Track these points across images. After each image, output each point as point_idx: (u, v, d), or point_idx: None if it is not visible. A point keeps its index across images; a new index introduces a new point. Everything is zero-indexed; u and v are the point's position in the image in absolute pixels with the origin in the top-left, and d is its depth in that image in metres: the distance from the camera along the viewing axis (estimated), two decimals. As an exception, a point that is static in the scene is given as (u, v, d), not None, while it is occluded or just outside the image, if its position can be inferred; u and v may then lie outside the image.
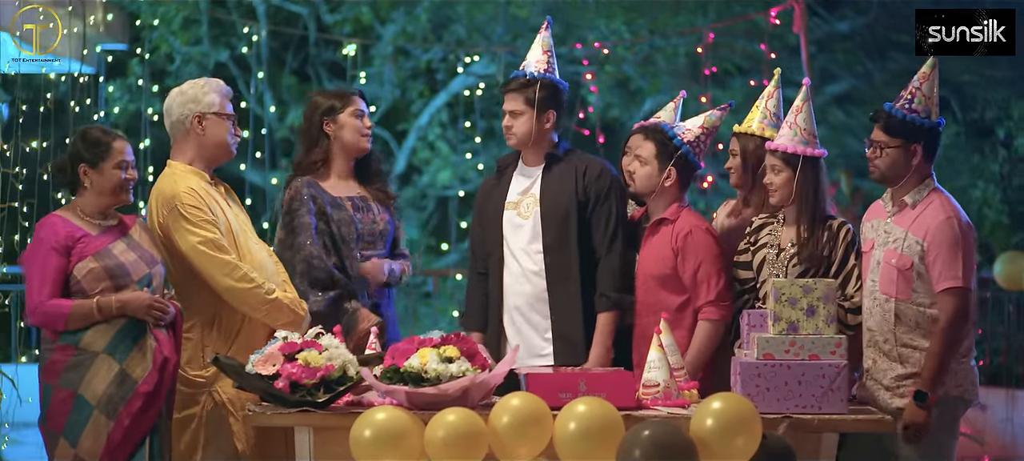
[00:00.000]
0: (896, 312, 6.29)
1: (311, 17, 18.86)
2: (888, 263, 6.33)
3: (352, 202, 7.03)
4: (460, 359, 5.94)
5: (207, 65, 18.04)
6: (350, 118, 7.07)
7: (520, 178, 7.05)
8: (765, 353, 6.02)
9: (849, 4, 18.43)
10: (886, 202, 6.48)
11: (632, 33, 17.77)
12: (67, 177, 6.39)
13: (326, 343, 6.03)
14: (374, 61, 18.92)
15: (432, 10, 18.05)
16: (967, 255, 6.24)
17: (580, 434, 5.62)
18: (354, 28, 18.57)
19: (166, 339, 6.32)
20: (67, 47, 10.91)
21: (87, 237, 6.27)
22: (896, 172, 6.38)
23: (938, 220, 6.26)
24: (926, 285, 6.26)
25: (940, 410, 6.27)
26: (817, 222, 6.55)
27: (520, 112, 6.93)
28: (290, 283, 6.78)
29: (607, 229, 6.86)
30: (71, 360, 6.21)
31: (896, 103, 6.38)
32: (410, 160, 19.96)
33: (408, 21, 18.28)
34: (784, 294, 6.05)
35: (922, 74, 6.39)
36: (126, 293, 6.25)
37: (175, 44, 17.96)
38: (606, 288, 6.81)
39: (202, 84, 6.78)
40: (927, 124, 6.34)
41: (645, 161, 6.79)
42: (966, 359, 6.33)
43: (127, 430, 6.19)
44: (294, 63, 19.61)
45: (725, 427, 5.60)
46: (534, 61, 7.02)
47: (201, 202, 6.54)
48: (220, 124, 6.74)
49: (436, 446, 5.62)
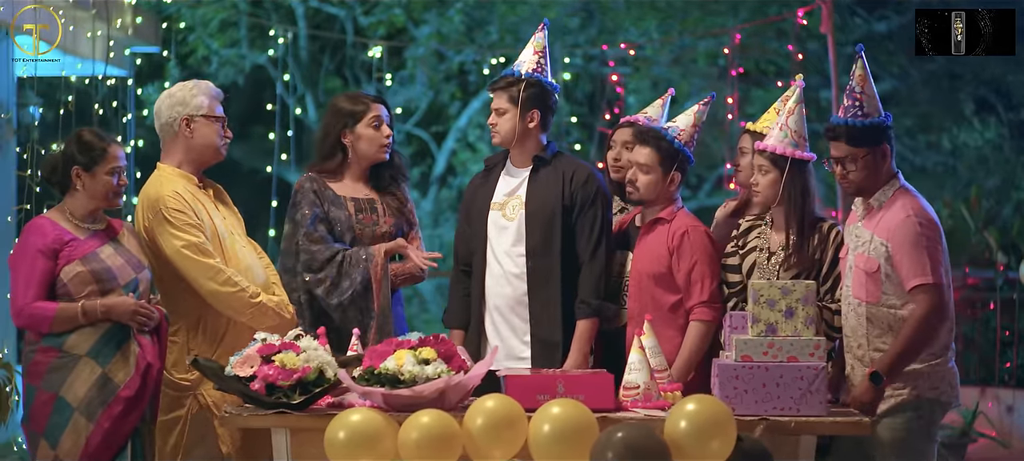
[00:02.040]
0: (867, 316, 6.25)
1: (348, 19, 18.91)
2: (858, 267, 6.29)
3: (356, 203, 7.04)
4: (437, 361, 5.95)
5: (243, 67, 18.12)
6: (367, 128, 7.06)
7: (507, 179, 7.07)
8: (743, 355, 6.01)
9: (889, 4, 18.33)
10: (857, 206, 6.42)
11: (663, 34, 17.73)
12: (58, 177, 6.40)
13: (304, 345, 6.06)
14: (407, 63, 18.96)
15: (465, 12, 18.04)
16: (933, 251, 6.15)
17: (554, 436, 5.62)
18: (388, 30, 18.61)
19: (150, 345, 6.35)
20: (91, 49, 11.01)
21: (75, 241, 6.29)
22: (873, 180, 6.29)
23: (898, 219, 6.18)
24: (895, 286, 6.20)
25: (916, 414, 6.22)
26: (807, 225, 6.52)
27: (504, 110, 6.95)
28: (280, 285, 6.82)
29: (591, 236, 6.85)
30: (54, 362, 6.24)
31: (847, 114, 6.27)
32: (450, 161, 20.01)
33: (441, 22, 18.28)
34: (763, 296, 6.04)
35: (859, 77, 6.25)
36: (111, 298, 6.29)
37: (212, 46, 18.03)
38: (586, 295, 6.81)
39: (191, 86, 6.79)
40: (883, 123, 6.28)
41: (648, 169, 6.77)
42: (943, 360, 6.25)
43: (107, 433, 6.23)
44: (331, 65, 19.67)
45: (699, 429, 5.60)
46: (525, 61, 7.01)
47: (185, 205, 6.56)
48: (208, 126, 6.75)
49: (409, 448, 5.64)
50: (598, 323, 6.82)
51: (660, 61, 18.07)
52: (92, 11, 10.95)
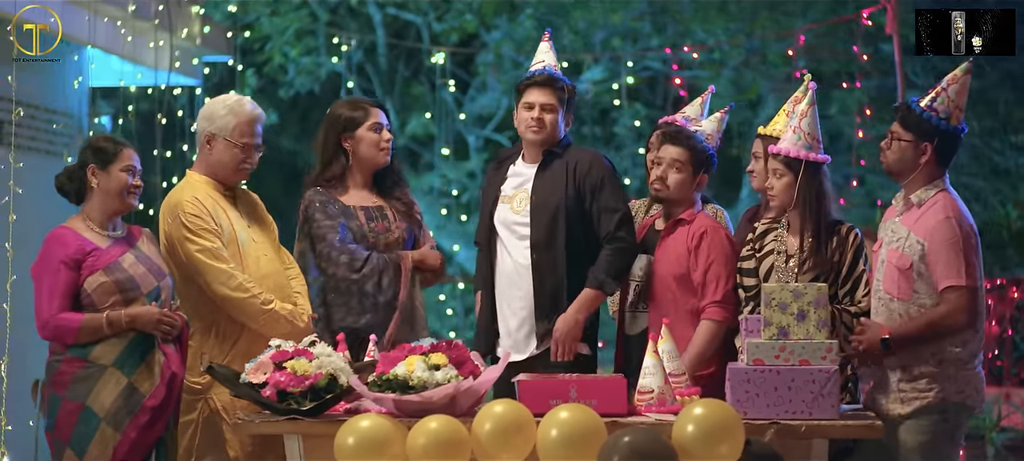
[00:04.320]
0: (899, 313, 6.22)
1: (424, 26, 18.97)
2: (890, 262, 6.28)
3: (366, 212, 7.10)
4: (447, 367, 6.00)
5: (319, 75, 18.22)
6: (368, 132, 7.11)
7: (517, 172, 7.16)
8: (755, 358, 5.99)
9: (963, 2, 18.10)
10: (897, 201, 6.42)
11: (730, 36, 17.64)
12: (74, 184, 6.48)
13: (317, 351, 6.12)
14: (479, 70, 18.99)
15: (536, 17, 18.03)
16: (969, 255, 6.17)
17: (562, 440, 5.66)
18: (459, 37, 18.64)
19: (174, 354, 6.45)
20: (154, 59, 11.15)
21: (98, 251, 6.37)
22: (903, 166, 6.31)
23: (938, 219, 6.19)
24: (927, 286, 6.18)
25: (941, 417, 6.19)
26: (824, 228, 6.49)
27: (554, 107, 7.03)
28: (305, 295, 6.88)
29: (612, 217, 6.96)
30: (80, 372, 6.34)
31: (921, 99, 6.30)
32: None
33: (512, 28, 18.29)
34: (774, 299, 6.02)
35: (953, 76, 6.30)
36: (135, 308, 6.37)
37: (290, 54, 18.16)
38: (598, 269, 6.92)
39: (229, 103, 6.82)
40: (942, 126, 6.25)
41: (680, 167, 6.80)
42: (970, 365, 6.23)
43: (133, 442, 6.33)
44: (407, 72, 19.75)
45: (706, 433, 5.62)
46: (551, 62, 7.10)
47: (203, 211, 6.62)
48: (228, 150, 6.77)
49: (417, 452, 5.68)
50: (601, 296, 6.93)
51: (730, 63, 17.96)
52: (155, 21, 11.09)
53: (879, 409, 6.26)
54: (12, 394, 7.75)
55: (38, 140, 10.61)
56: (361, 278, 6.96)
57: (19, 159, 8.18)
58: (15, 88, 8.08)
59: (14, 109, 8.21)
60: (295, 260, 7.05)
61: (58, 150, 10.78)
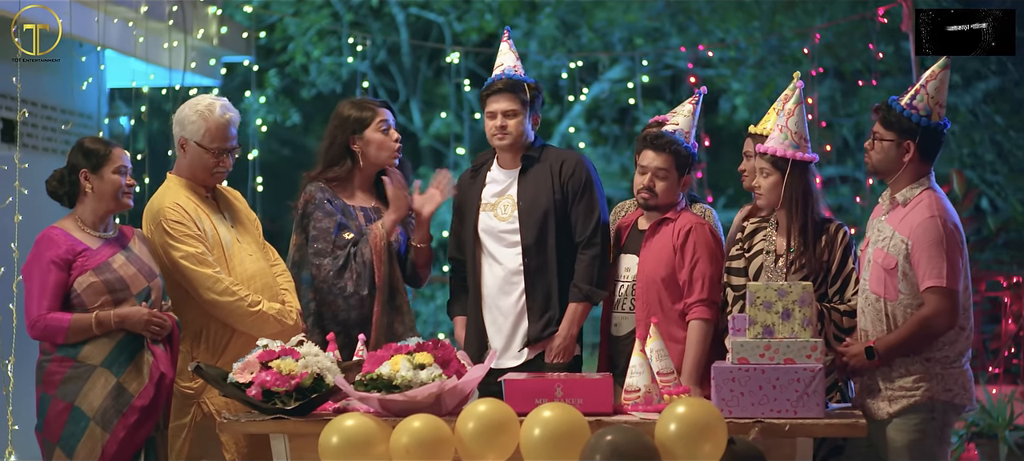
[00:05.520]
0: (886, 312, 6.21)
1: (446, 26, 19.00)
2: (876, 262, 6.26)
3: (365, 213, 7.11)
4: (432, 366, 6.02)
5: (341, 75, 18.26)
6: (375, 133, 7.11)
7: (495, 179, 7.15)
8: (740, 357, 5.99)
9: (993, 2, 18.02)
10: (883, 200, 6.40)
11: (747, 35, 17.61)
12: (66, 188, 6.50)
13: (304, 351, 6.13)
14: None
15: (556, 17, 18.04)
16: (952, 255, 6.13)
17: (545, 439, 5.66)
18: (479, 36, 18.66)
19: (163, 354, 6.46)
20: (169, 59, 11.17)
21: (88, 251, 6.39)
22: (887, 166, 6.30)
23: (922, 217, 6.16)
24: (911, 286, 6.16)
25: (929, 415, 6.17)
26: (812, 227, 6.48)
27: (515, 112, 7.00)
28: (292, 292, 6.89)
29: (589, 222, 6.96)
30: (69, 372, 6.36)
31: (901, 98, 6.28)
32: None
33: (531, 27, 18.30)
34: (759, 297, 6.01)
35: (931, 73, 6.28)
36: (125, 308, 6.39)
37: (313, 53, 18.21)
38: (581, 280, 6.92)
39: (195, 107, 6.77)
40: (924, 123, 6.23)
41: (666, 175, 6.78)
42: (957, 363, 6.21)
43: (122, 442, 6.35)
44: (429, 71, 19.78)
45: (688, 432, 5.61)
46: (511, 63, 7.08)
47: (185, 216, 6.62)
48: (199, 155, 6.75)
49: (400, 452, 5.70)
50: (589, 307, 6.94)
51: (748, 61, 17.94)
52: (169, 22, 11.12)
53: (868, 408, 6.24)
54: (19, 395, 7.79)
55: (55, 140, 10.65)
56: (344, 283, 6.96)
57: (29, 159, 8.21)
58: (19, 88, 8.11)
59: (19, 109, 8.24)
60: (290, 253, 7.07)
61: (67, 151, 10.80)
